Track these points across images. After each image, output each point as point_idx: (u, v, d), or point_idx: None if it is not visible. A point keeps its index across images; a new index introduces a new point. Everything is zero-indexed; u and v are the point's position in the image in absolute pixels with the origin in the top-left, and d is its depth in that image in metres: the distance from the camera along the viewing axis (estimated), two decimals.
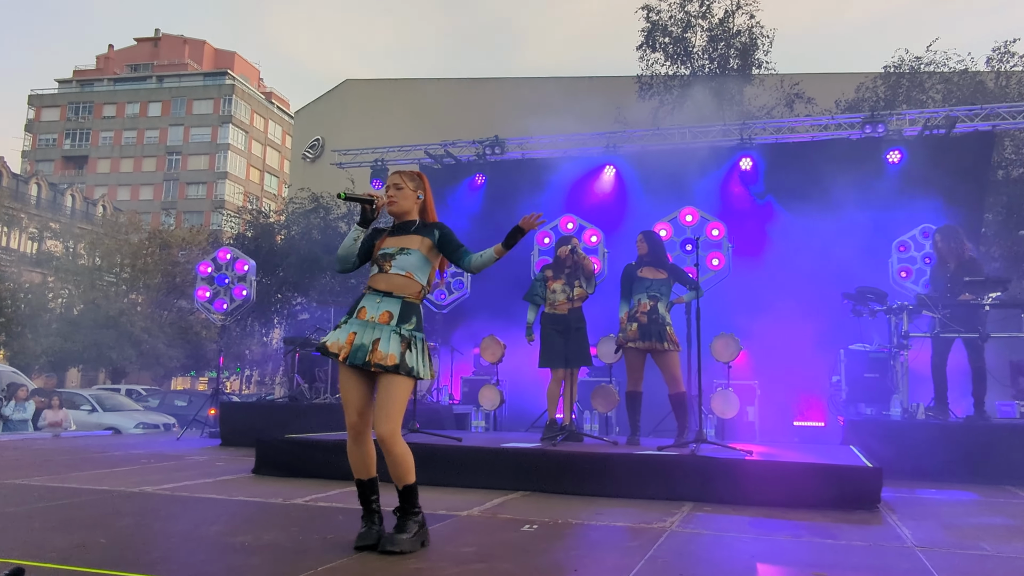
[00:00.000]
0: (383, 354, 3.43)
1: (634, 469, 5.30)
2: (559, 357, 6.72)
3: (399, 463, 3.46)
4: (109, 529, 3.85)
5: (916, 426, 6.62)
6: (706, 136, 12.26)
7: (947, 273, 7.22)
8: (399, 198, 3.71)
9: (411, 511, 3.51)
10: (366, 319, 3.51)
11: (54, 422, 12.44)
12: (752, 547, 3.69)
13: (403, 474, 3.48)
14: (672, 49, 20.18)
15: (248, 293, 10.80)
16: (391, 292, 3.54)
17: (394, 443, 3.42)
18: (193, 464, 7.03)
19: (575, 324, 6.78)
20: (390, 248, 3.63)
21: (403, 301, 3.54)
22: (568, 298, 6.80)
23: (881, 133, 10.86)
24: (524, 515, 4.40)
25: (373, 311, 3.52)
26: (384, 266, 3.59)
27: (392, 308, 3.52)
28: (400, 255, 3.59)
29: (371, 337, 3.46)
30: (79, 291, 29.51)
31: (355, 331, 3.49)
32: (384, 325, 3.49)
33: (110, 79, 69.86)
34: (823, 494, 4.77)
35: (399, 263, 3.58)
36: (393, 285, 3.56)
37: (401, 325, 3.50)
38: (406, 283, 3.57)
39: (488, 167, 12.49)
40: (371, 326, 3.49)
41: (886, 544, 3.75)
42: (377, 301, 3.54)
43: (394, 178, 3.78)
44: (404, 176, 3.77)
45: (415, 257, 3.60)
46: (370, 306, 3.54)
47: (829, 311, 9.17)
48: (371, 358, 3.42)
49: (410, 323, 3.53)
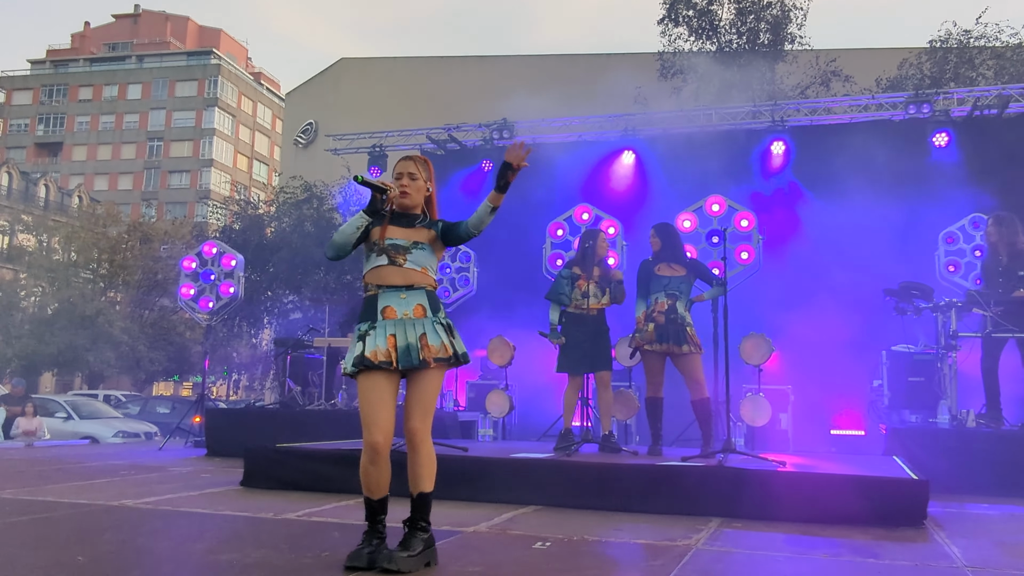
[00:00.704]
0: (436, 347, 3.49)
1: (656, 481, 5.29)
2: (580, 362, 6.64)
3: (424, 464, 3.48)
4: (87, 546, 3.86)
5: (966, 435, 6.58)
6: (734, 118, 12.21)
7: (999, 267, 7.17)
8: (413, 189, 3.69)
9: (421, 525, 3.49)
10: (398, 317, 3.51)
11: (28, 431, 12.51)
12: (787, 567, 3.67)
13: (425, 478, 3.49)
14: (696, 23, 20.15)
15: (236, 290, 10.83)
16: (412, 284, 3.56)
17: (425, 441, 3.48)
18: (177, 476, 7.06)
19: (600, 327, 6.70)
20: (401, 240, 3.60)
21: (427, 292, 3.60)
22: (599, 303, 6.70)
23: (927, 114, 10.79)
24: (536, 531, 4.39)
25: (403, 307, 3.53)
26: (397, 259, 3.57)
27: (421, 300, 3.55)
28: (416, 250, 3.60)
29: (415, 333, 3.49)
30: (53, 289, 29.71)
31: (393, 333, 3.48)
32: (422, 319, 3.53)
33: (86, 59, 70.17)
34: (864, 509, 4.75)
35: (415, 258, 3.59)
36: (412, 279, 3.57)
37: (436, 315, 3.57)
38: (423, 277, 3.61)
39: (496, 152, 12.47)
40: (408, 323, 3.50)
41: (934, 564, 3.72)
42: (402, 296, 3.54)
43: (407, 165, 3.72)
44: (418, 164, 3.73)
45: (427, 252, 3.64)
46: (396, 303, 3.53)
47: (870, 309, 9.12)
48: (425, 355, 3.45)
49: (441, 312, 3.63)
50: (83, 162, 65.60)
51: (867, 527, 4.57)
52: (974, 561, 3.77)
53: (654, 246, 6.71)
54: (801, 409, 9.17)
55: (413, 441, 3.46)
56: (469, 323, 11.29)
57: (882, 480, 4.97)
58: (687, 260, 6.72)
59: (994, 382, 6.95)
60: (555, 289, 6.84)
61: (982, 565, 3.70)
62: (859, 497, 4.81)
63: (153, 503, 5.27)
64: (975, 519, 5.15)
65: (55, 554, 3.63)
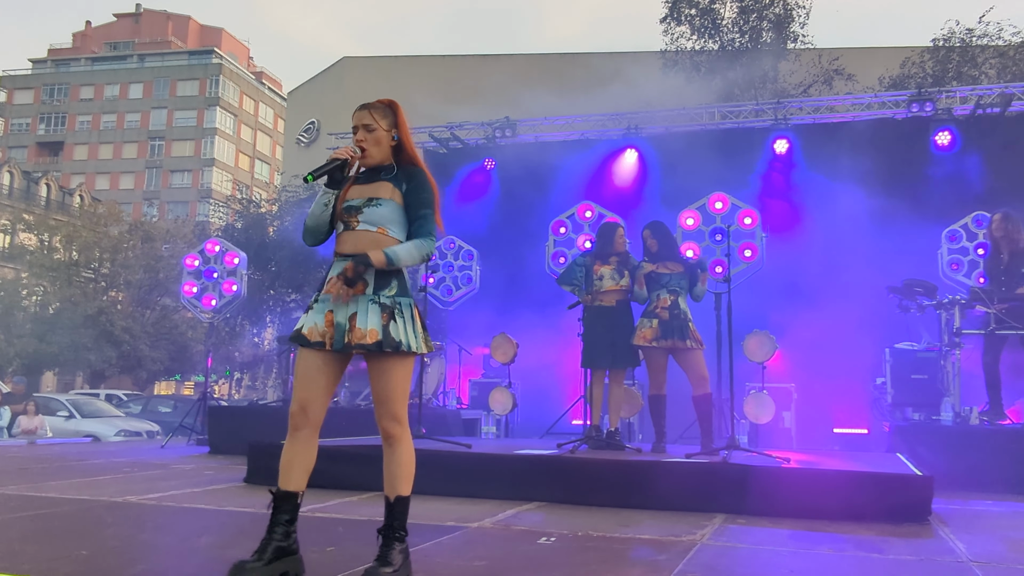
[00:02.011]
0: (362, 331, 3.02)
1: (661, 478, 5.28)
2: (603, 355, 6.56)
3: (400, 464, 3.11)
4: (91, 540, 3.87)
5: (969, 432, 6.58)
6: (737, 116, 12.21)
7: (1000, 264, 7.17)
8: (371, 143, 3.21)
9: (398, 534, 3.10)
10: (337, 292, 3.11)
11: (28, 429, 12.53)
12: (791, 562, 3.67)
13: (401, 481, 3.12)
14: (699, 22, 20.15)
15: (239, 288, 10.83)
16: (360, 254, 3.07)
17: (400, 439, 3.10)
18: (180, 473, 7.07)
19: (622, 319, 6.62)
20: (355, 200, 3.17)
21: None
22: (617, 285, 6.58)
23: (929, 112, 10.78)
24: (540, 527, 4.39)
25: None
26: (350, 222, 3.16)
27: (365, 273, 3.08)
28: (368, 207, 3.14)
29: (346, 313, 3.06)
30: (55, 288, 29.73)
31: (331, 309, 3.10)
32: (359, 296, 3.07)
33: (87, 58, 70.26)
34: (868, 505, 4.75)
35: (368, 216, 3.13)
36: (363, 244, 3.10)
37: (379, 292, 3.08)
38: (379, 240, 3.11)
39: (498, 151, 12.47)
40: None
41: (938, 559, 3.72)
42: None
43: (362, 116, 3.22)
44: (374, 112, 3.23)
45: (388, 208, 3.15)
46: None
47: (873, 307, 9.13)
48: (350, 338, 3.03)
49: (390, 288, 3.10)
50: (84, 161, 65.65)
51: (871, 523, 4.57)
52: (979, 556, 3.77)
53: (651, 247, 6.71)
54: (804, 407, 9.17)
55: (388, 440, 3.11)
56: (472, 321, 11.31)
57: (886, 476, 4.96)
58: (682, 258, 6.75)
59: (996, 378, 6.96)
60: (567, 274, 6.84)
61: (987, 560, 3.70)
62: (863, 493, 4.81)
63: (156, 499, 5.28)
64: (979, 515, 5.14)
65: (59, 549, 3.64)
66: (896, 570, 3.53)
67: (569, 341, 7.79)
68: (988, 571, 3.49)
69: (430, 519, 4.51)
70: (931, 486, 4.82)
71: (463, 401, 10.36)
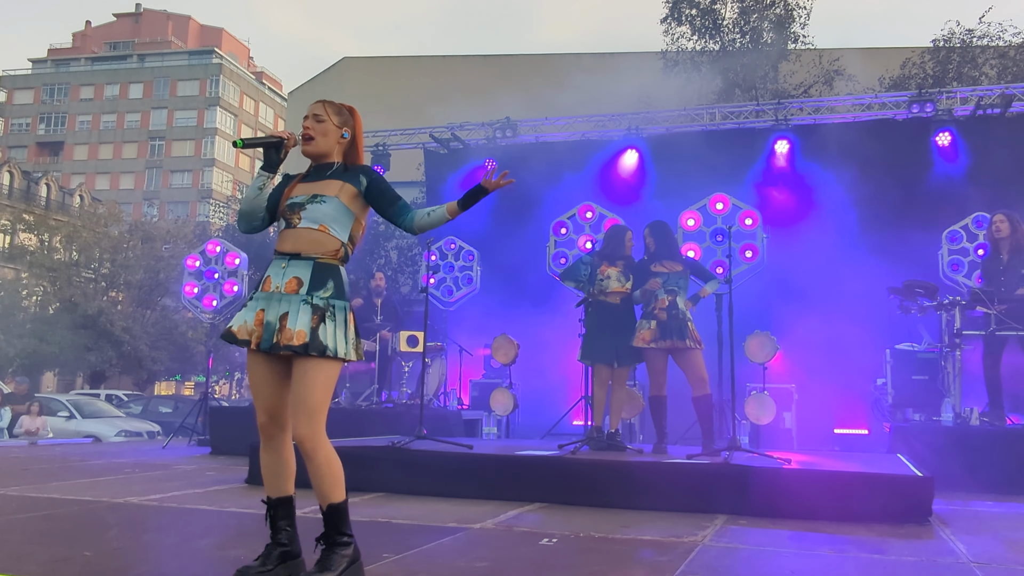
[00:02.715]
0: (291, 332, 2.95)
1: (662, 479, 5.29)
2: (605, 351, 6.56)
3: (323, 473, 2.98)
4: (93, 542, 3.88)
5: (970, 433, 6.59)
6: (737, 117, 12.23)
7: (1000, 264, 7.18)
8: (318, 133, 3.18)
9: (339, 540, 3.00)
10: (271, 290, 3.05)
11: (30, 430, 12.54)
12: (793, 563, 3.68)
13: (328, 489, 3.00)
14: (700, 22, 20.17)
15: (240, 289, 10.84)
16: (299, 253, 3.06)
17: (316, 447, 2.96)
18: (181, 473, 7.07)
19: (626, 318, 6.61)
20: (299, 196, 3.13)
21: (315, 263, 3.06)
22: (622, 287, 6.60)
23: (930, 113, 10.80)
24: (542, 528, 4.40)
25: (279, 279, 3.05)
26: (292, 219, 3.11)
27: (301, 273, 3.04)
28: (312, 204, 3.09)
29: (278, 312, 3.00)
30: (55, 288, 29.71)
31: (263, 307, 3.04)
32: (292, 295, 3.01)
33: (87, 58, 70.24)
34: (869, 506, 4.76)
35: (310, 214, 3.08)
36: (302, 243, 3.07)
37: (313, 293, 3.01)
38: (319, 239, 3.08)
39: (499, 152, 12.48)
40: (277, 298, 3.03)
41: (939, 560, 3.73)
42: (283, 266, 3.07)
43: (315, 108, 3.22)
44: (328, 106, 3.23)
45: (331, 206, 3.10)
46: (275, 273, 3.08)
47: (874, 308, 9.13)
48: (279, 339, 2.96)
49: (325, 289, 3.04)
50: (84, 161, 65.63)
51: (872, 524, 4.58)
52: (979, 557, 3.78)
53: (649, 246, 6.72)
54: (805, 408, 9.17)
55: (303, 450, 2.96)
56: (473, 321, 11.33)
57: (887, 477, 4.98)
58: (682, 257, 6.75)
59: (996, 380, 6.95)
60: (572, 270, 6.87)
61: (988, 561, 3.71)
62: (864, 494, 4.82)
63: (158, 500, 5.29)
64: (980, 516, 5.15)
65: (61, 550, 3.65)
66: (897, 571, 3.53)
67: (570, 342, 7.80)
68: (989, 572, 3.50)
69: (432, 520, 4.53)
70: (932, 487, 4.83)
71: (464, 402, 10.37)
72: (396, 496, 5.50)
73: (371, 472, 5.88)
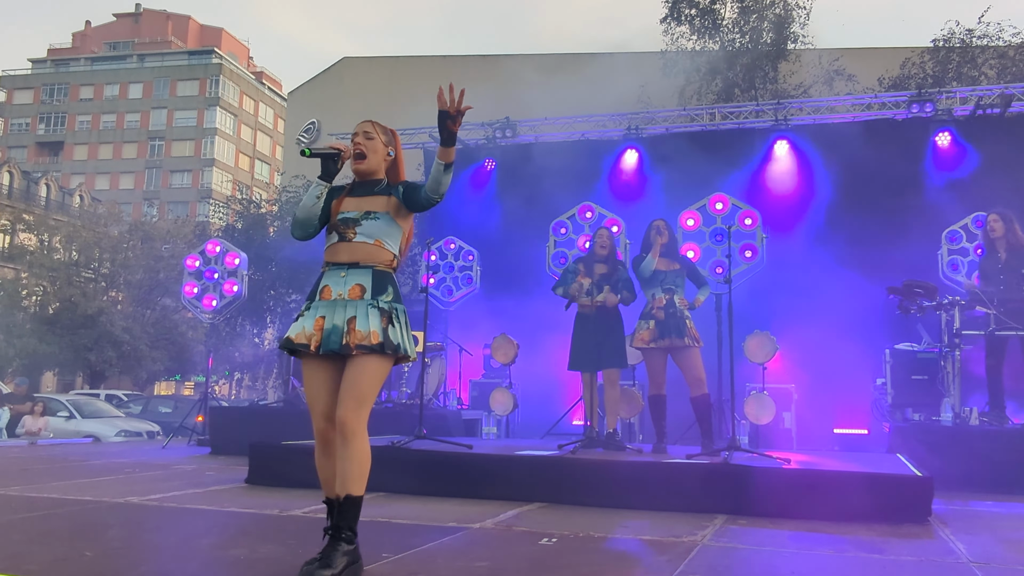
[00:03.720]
0: (363, 333, 3.16)
1: (661, 479, 5.30)
2: (586, 360, 6.66)
3: (355, 461, 3.12)
4: (94, 541, 3.88)
5: (969, 433, 6.59)
6: (737, 117, 12.23)
7: (998, 264, 7.18)
8: (369, 150, 3.41)
9: (344, 536, 3.13)
10: (332, 298, 3.26)
11: (32, 430, 12.55)
12: (792, 563, 3.68)
13: (352, 479, 3.13)
14: (699, 22, 20.15)
15: (240, 289, 10.83)
16: (358, 263, 3.29)
17: (355, 433, 3.12)
18: (181, 473, 7.08)
19: (606, 324, 6.65)
20: (352, 212, 3.35)
21: (373, 270, 3.29)
22: (591, 299, 6.67)
23: (929, 113, 10.80)
24: (541, 528, 4.40)
25: (340, 287, 3.26)
26: (347, 233, 3.32)
27: (363, 280, 3.26)
28: (366, 220, 3.32)
29: (344, 316, 3.20)
30: (55, 288, 29.70)
31: (323, 314, 3.24)
32: (357, 300, 3.22)
33: (87, 58, 70.16)
34: (868, 506, 4.76)
35: (366, 229, 3.31)
36: (359, 255, 3.30)
37: (377, 297, 3.24)
38: (374, 252, 3.31)
39: (498, 151, 12.49)
40: (341, 304, 3.23)
41: (939, 560, 3.73)
42: (342, 275, 3.28)
43: (364, 126, 3.44)
44: (376, 126, 3.46)
45: (384, 222, 3.33)
46: (334, 283, 3.28)
47: (873, 308, 9.14)
48: (349, 340, 3.15)
49: (387, 294, 3.27)
50: (84, 161, 65.58)
51: (872, 524, 4.58)
52: (979, 556, 3.78)
53: (665, 239, 6.68)
54: (805, 408, 9.18)
55: (343, 433, 3.11)
56: (473, 321, 11.32)
57: (886, 477, 4.98)
58: (681, 257, 6.77)
59: (998, 380, 6.95)
60: (560, 282, 6.95)
61: (987, 561, 3.71)
62: (864, 494, 4.81)
63: (158, 500, 5.29)
64: (979, 516, 5.15)
65: (61, 550, 3.65)
66: (896, 571, 3.54)
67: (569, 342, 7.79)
68: (988, 572, 3.50)
69: (431, 520, 4.53)
70: (931, 487, 4.83)
71: (464, 402, 10.37)
72: (396, 496, 5.49)
73: (371, 472, 5.87)
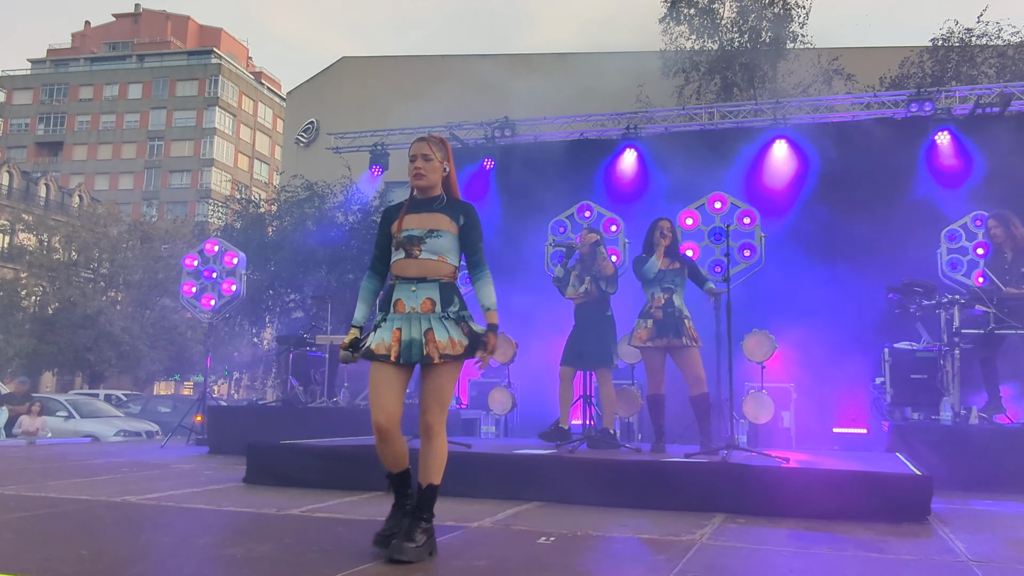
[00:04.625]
0: (443, 343, 3.51)
1: (660, 477, 5.29)
2: (571, 357, 6.76)
3: (436, 456, 3.57)
4: (91, 540, 3.87)
5: (969, 432, 6.58)
6: (736, 116, 12.21)
7: (1004, 264, 7.18)
8: (428, 171, 3.67)
9: (423, 516, 3.54)
10: (406, 311, 3.57)
11: (29, 430, 12.51)
12: (791, 562, 3.67)
13: (434, 471, 3.57)
14: (698, 22, 20.11)
15: (238, 288, 10.82)
16: (425, 277, 3.59)
17: (439, 433, 3.57)
18: (179, 473, 7.06)
19: (591, 319, 6.71)
20: (416, 230, 3.62)
21: (440, 284, 3.61)
22: (575, 293, 6.81)
23: (928, 112, 10.77)
24: (540, 526, 4.39)
25: (412, 301, 3.57)
26: (413, 251, 3.61)
27: (431, 294, 3.58)
28: (430, 238, 3.61)
29: (420, 329, 3.53)
30: (54, 288, 29.71)
31: (399, 327, 3.55)
32: (429, 313, 3.55)
33: (86, 58, 70.13)
34: (868, 505, 4.75)
35: (430, 247, 3.61)
36: (426, 270, 3.60)
37: (447, 309, 3.58)
38: (439, 267, 3.62)
39: (497, 151, 12.47)
40: (415, 317, 3.55)
41: (938, 559, 3.72)
42: (412, 289, 3.58)
43: (421, 147, 3.69)
44: (432, 145, 3.70)
45: (446, 239, 3.65)
46: (406, 296, 3.59)
47: (872, 307, 9.13)
48: (429, 351, 3.49)
49: (454, 305, 3.61)
50: (84, 161, 65.56)
51: (871, 523, 4.57)
52: (979, 555, 3.77)
53: (668, 239, 6.65)
54: (803, 407, 9.16)
55: (427, 434, 3.55)
56: None
57: (886, 476, 4.97)
58: (681, 256, 6.76)
59: (993, 374, 6.96)
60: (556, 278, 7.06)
61: (987, 560, 3.70)
62: (863, 493, 4.81)
63: (156, 499, 5.28)
64: (979, 515, 5.14)
65: (59, 549, 3.64)
66: (896, 570, 3.53)
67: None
68: (988, 571, 3.49)
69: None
70: (930, 486, 4.82)
71: (462, 401, 10.35)
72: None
73: (369, 472, 5.85)
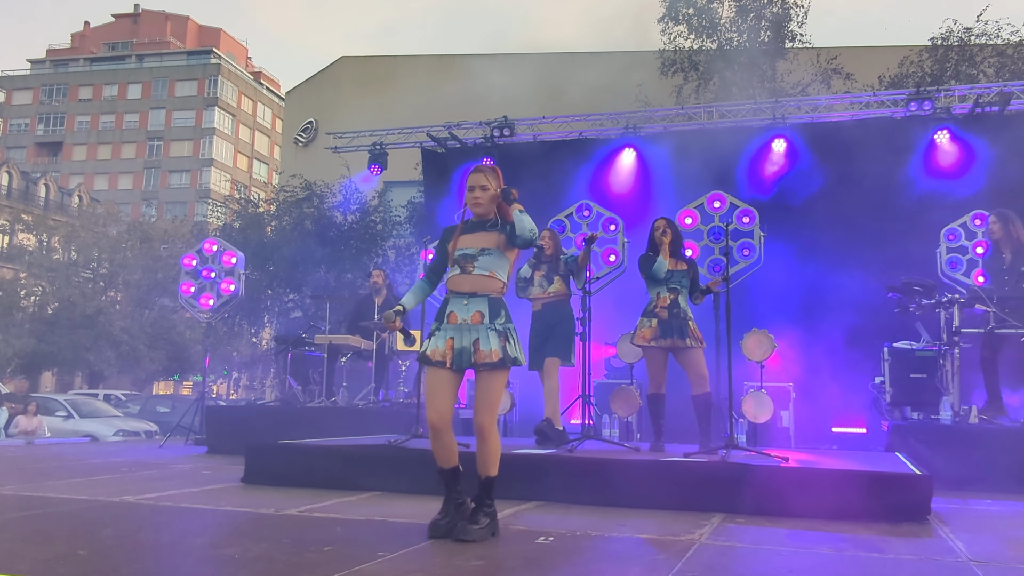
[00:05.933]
0: (486, 352, 3.94)
1: (659, 477, 5.27)
2: (533, 357, 6.77)
3: (491, 452, 4.00)
4: (88, 540, 3.86)
5: (968, 431, 6.57)
6: (735, 115, 12.19)
7: (1003, 264, 7.17)
8: (484, 199, 4.09)
9: (486, 503, 4.01)
10: (458, 323, 4.01)
11: (26, 430, 12.50)
12: (791, 561, 3.66)
13: (490, 465, 4.01)
14: (697, 21, 20.10)
15: (237, 288, 10.80)
16: (476, 292, 4.02)
17: (491, 432, 3.99)
18: (178, 472, 7.05)
19: (552, 318, 6.77)
20: (470, 249, 4.06)
21: (489, 299, 4.02)
22: (544, 293, 6.85)
23: (928, 111, 10.75)
24: (539, 526, 4.38)
25: (464, 314, 4.01)
26: (467, 267, 4.05)
27: (481, 307, 4.01)
28: (482, 256, 4.05)
29: (470, 339, 3.97)
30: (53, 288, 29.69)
31: (452, 336, 4.00)
32: (478, 325, 3.99)
33: (86, 59, 70.14)
34: (867, 504, 4.73)
35: (482, 264, 4.04)
36: (477, 285, 4.03)
37: (494, 321, 3.99)
38: (489, 283, 4.04)
39: (497, 151, 12.44)
40: (466, 328, 3.99)
41: (939, 558, 3.71)
42: (464, 303, 4.02)
43: (479, 178, 4.10)
44: (488, 176, 4.11)
45: (496, 256, 4.06)
46: (459, 309, 4.03)
47: (872, 306, 9.10)
48: (476, 359, 3.94)
49: (501, 318, 4.02)
50: (83, 162, 65.56)
51: (871, 523, 4.56)
52: (979, 555, 3.76)
53: (668, 238, 6.60)
54: (803, 406, 9.14)
55: (480, 433, 3.98)
56: None
57: (885, 475, 4.95)
58: (686, 257, 6.74)
59: (993, 374, 6.94)
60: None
61: (987, 559, 3.69)
62: (862, 493, 4.79)
63: (154, 499, 5.26)
64: (979, 515, 5.14)
65: (56, 548, 3.62)
66: (895, 569, 3.51)
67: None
68: (988, 570, 3.47)
69: (427, 519, 4.49)
70: (930, 485, 4.81)
71: (461, 401, 10.32)
72: (392, 495, 5.47)
73: (367, 471, 5.86)
